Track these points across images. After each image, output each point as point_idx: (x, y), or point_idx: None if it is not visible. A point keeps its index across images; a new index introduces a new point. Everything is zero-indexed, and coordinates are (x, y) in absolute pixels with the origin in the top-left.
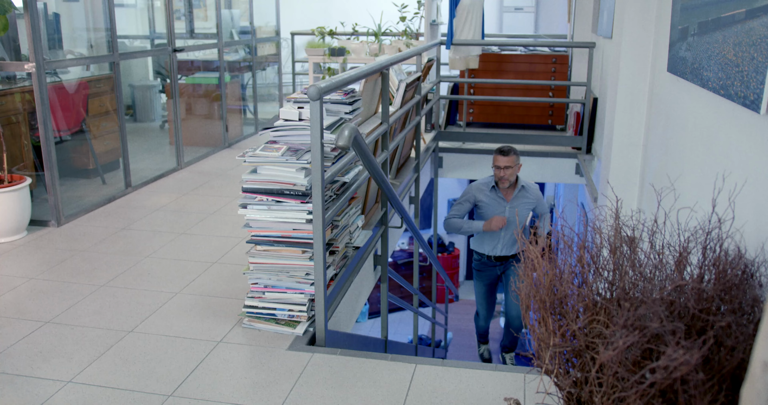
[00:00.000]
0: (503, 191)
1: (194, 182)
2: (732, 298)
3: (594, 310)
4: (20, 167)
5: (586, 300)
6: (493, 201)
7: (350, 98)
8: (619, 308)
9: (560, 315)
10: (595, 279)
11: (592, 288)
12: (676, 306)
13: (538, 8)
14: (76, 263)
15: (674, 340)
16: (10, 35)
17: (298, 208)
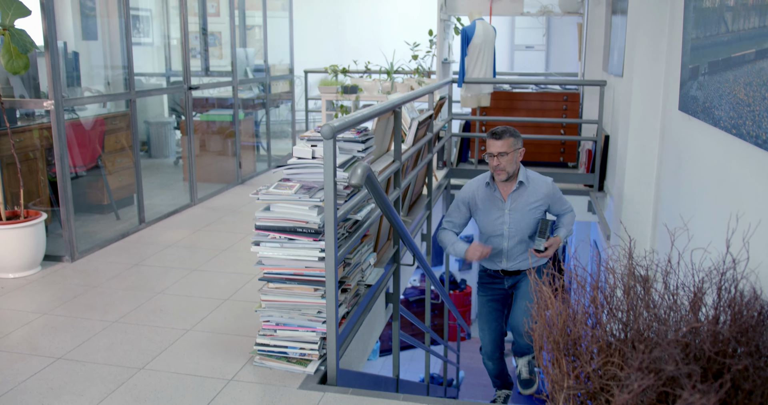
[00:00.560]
0: (501, 188)
1: (207, 218)
2: (749, 340)
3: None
4: (36, 202)
5: (600, 341)
6: (489, 202)
7: (363, 136)
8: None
9: (574, 356)
10: (609, 320)
11: (606, 329)
12: (692, 348)
13: (549, 46)
14: (89, 299)
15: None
16: (30, 73)
17: (310, 246)
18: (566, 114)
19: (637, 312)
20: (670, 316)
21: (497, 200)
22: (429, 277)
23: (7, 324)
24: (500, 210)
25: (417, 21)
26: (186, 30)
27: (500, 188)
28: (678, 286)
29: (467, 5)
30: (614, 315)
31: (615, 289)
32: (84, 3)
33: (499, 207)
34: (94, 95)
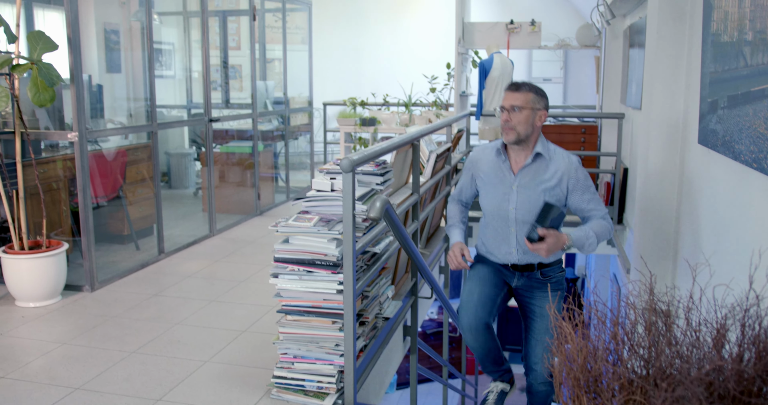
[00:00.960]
0: (512, 158)
1: (226, 249)
2: None
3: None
4: (58, 232)
5: (621, 378)
6: (494, 174)
7: (382, 169)
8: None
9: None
10: (631, 356)
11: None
12: (716, 386)
13: (567, 79)
14: (108, 329)
15: None
16: (55, 106)
17: (328, 279)
18: (584, 146)
19: (659, 349)
20: (692, 353)
21: (505, 173)
22: (447, 309)
23: (27, 353)
24: (507, 186)
25: (435, 54)
26: (207, 63)
27: (511, 158)
28: (700, 322)
29: (485, 39)
30: (636, 351)
31: (636, 324)
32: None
33: (505, 182)
34: (116, 127)
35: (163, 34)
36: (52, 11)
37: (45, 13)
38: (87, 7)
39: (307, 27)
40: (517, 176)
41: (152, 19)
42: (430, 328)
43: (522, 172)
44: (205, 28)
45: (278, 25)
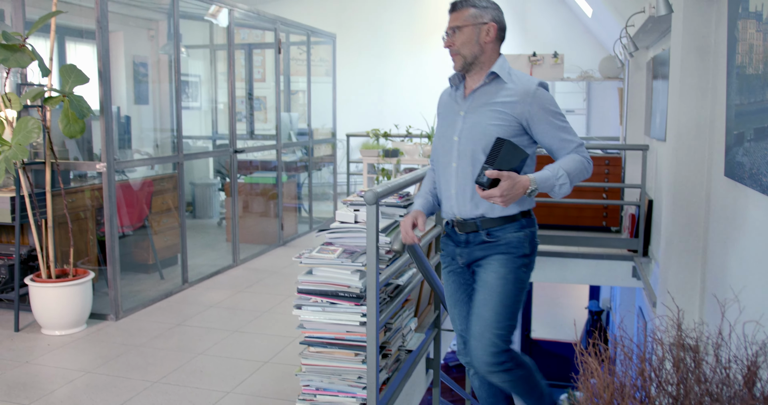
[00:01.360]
0: (468, 83)
1: (249, 279)
2: None
3: None
4: (85, 261)
5: None
6: (449, 105)
7: (405, 201)
8: None
9: None
10: (659, 394)
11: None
12: None
13: (590, 110)
14: (132, 358)
15: None
16: (84, 137)
17: (352, 311)
18: (608, 178)
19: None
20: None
21: (457, 100)
22: None
23: (52, 381)
24: (455, 114)
25: None
26: (233, 95)
27: (467, 86)
28: (730, 359)
29: None
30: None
31: (664, 361)
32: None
33: (455, 110)
34: (143, 158)
35: (190, 67)
36: (84, 45)
37: (77, 47)
38: (117, 40)
39: (331, 59)
40: (466, 100)
41: (180, 52)
42: (452, 361)
43: (473, 95)
44: (231, 60)
45: (303, 58)
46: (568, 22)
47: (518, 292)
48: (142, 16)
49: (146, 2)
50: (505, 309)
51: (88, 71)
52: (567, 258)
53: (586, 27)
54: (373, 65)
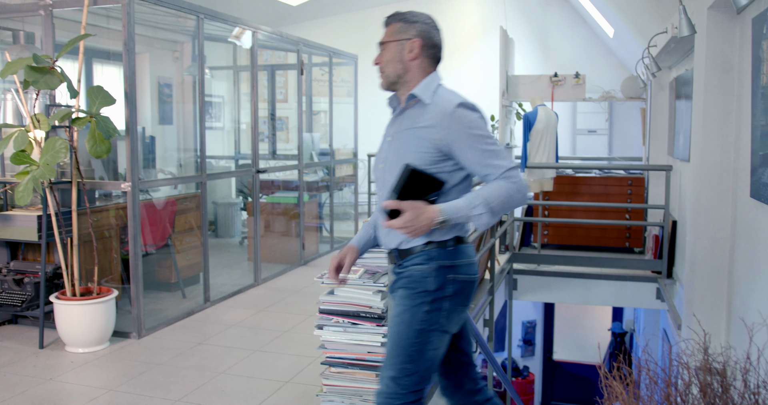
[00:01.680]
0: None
1: (270, 299)
2: None
3: None
4: (108, 279)
5: None
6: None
7: None
8: None
9: None
10: None
11: None
12: None
13: (612, 131)
14: (154, 376)
15: None
16: (110, 156)
17: (373, 331)
18: (631, 198)
19: None
20: None
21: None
22: (491, 363)
23: (75, 399)
24: (384, 139)
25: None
26: (256, 115)
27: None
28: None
29: (529, 91)
30: None
31: (690, 385)
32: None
33: (385, 135)
34: (167, 178)
35: (214, 88)
36: (111, 66)
37: (104, 68)
38: (143, 61)
39: (353, 80)
40: (393, 124)
41: (204, 73)
42: None
43: (398, 118)
44: (254, 81)
45: (325, 79)
46: (589, 42)
47: (414, 335)
48: (167, 38)
49: (171, 25)
50: (398, 351)
51: (114, 92)
52: (589, 279)
53: (607, 47)
54: None
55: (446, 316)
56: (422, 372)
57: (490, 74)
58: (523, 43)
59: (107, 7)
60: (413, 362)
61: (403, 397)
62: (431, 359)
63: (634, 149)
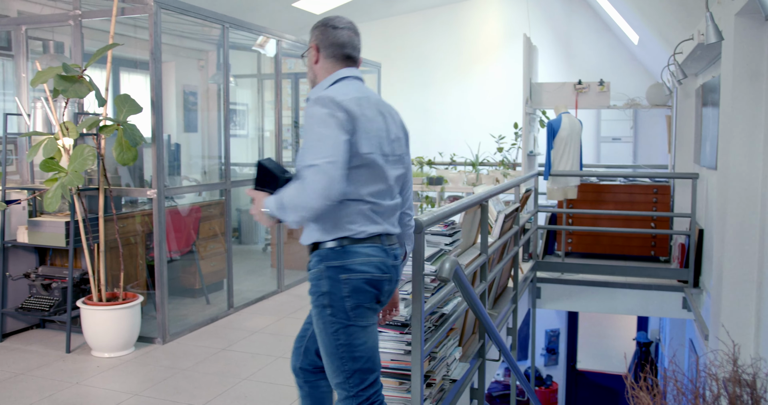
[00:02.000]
0: None
1: (293, 305)
2: None
3: None
4: (134, 285)
5: None
6: None
7: (450, 230)
8: None
9: None
10: None
11: None
12: None
13: (637, 138)
14: (178, 382)
15: None
16: (136, 164)
17: (396, 339)
18: (656, 207)
19: None
20: None
21: None
22: (515, 372)
23: (101, 403)
24: None
25: (502, 114)
26: (279, 123)
27: None
28: None
29: (552, 99)
30: None
31: (719, 397)
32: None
33: None
34: (192, 185)
35: (238, 95)
36: (137, 75)
37: (130, 77)
38: (168, 70)
39: (376, 88)
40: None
41: (229, 81)
42: (496, 391)
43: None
44: (278, 89)
45: None
46: (614, 49)
47: (333, 339)
48: (192, 47)
49: (197, 34)
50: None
51: (140, 101)
52: (614, 288)
53: (632, 54)
54: (417, 93)
55: (354, 314)
56: (362, 368)
57: (513, 82)
58: (547, 50)
59: (134, 16)
60: (347, 363)
61: (355, 398)
62: (363, 353)
63: (660, 157)
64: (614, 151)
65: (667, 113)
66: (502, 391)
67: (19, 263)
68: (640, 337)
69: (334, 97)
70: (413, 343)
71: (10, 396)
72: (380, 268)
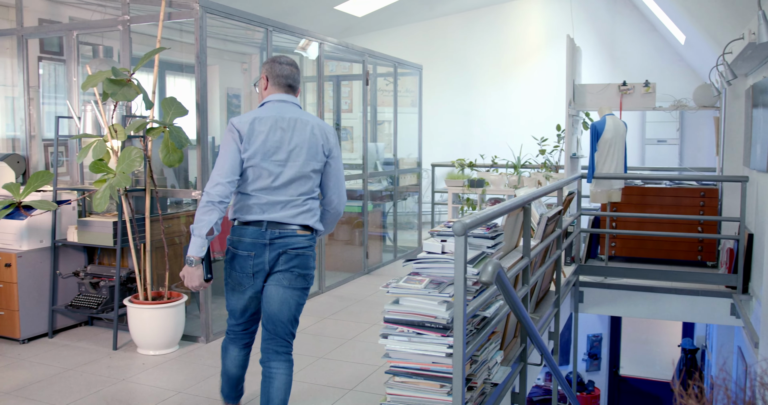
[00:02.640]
0: None
1: (334, 307)
2: None
3: None
4: (178, 284)
5: None
6: None
7: (493, 233)
8: None
9: None
10: None
11: None
12: None
13: (683, 140)
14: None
15: None
16: (181, 165)
17: (438, 342)
18: (704, 210)
19: None
20: None
21: None
22: (556, 377)
23: (146, 400)
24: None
25: (544, 116)
26: None
27: None
28: None
29: (596, 101)
30: None
31: None
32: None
33: None
34: None
35: None
36: (182, 78)
37: (176, 80)
38: (213, 73)
39: (417, 90)
40: None
41: None
42: (536, 395)
43: None
44: (320, 92)
45: (389, 89)
46: (659, 49)
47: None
48: (236, 50)
49: (240, 37)
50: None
51: (186, 103)
52: (659, 293)
53: (678, 55)
54: (458, 95)
55: (228, 275)
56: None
57: (556, 83)
58: (591, 51)
59: (180, 21)
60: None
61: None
62: (231, 306)
63: (707, 159)
64: (659, 154)
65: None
66: (543, 395)
67: (69, 262)
68: (685, 343)
69: (238, 119)
70: (455, 346)
71: (60, 390)
72: (243, 245)
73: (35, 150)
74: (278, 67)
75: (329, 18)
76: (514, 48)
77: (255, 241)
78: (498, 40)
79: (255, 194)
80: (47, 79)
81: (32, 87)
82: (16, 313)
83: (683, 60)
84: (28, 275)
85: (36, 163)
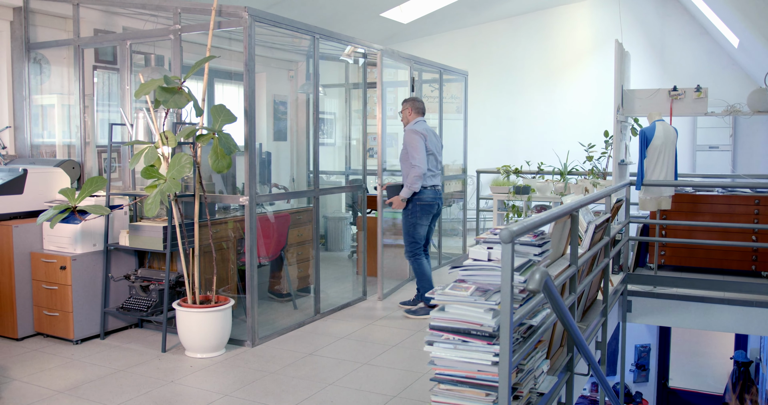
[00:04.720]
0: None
1: (378, 313)
2: None
3: None
4: (225, 289)
5: None
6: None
7: (540, 240)
8: None
9: None
10: None
11: None
12: None
13: (736, 146)
14: (266, 384)
15: None
16: (229, 171)
17: (484, 350)
18: (758, 219)
19: None
20: None
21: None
22: (604, 387)
23: (194, 401)
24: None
25: (591, 122)
26: (365, 132)
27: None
28: None
29: (645, 106)
30: None
31: None
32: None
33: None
34: (283, 192)
35: (327, 105)
36: (231, 85)
37: (224, 87)
38: (260, 80)
39: (462, 96)
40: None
41: (318, 91)
42: None
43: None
44: (365, 98)
45: (435, 95)
46: (711, 53)
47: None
48: (282, 58)
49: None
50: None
51: (234, 110)
52: (710, 303)
53: (731, 58)
54: (503, 102)
55: (418, 218)
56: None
57: (603, 89)
58: (640, 55)
59: (229, 30)
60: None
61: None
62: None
63: (761, 166)
64: (711, 160)
65: None
66: None
67: (120, 265)
68: (738, 356)
69: (416, 129)
70: (501, 354)
71: (111, 391)
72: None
73: (89, 156)
74: (418, 103)
75: (375, 25)
76: (561, 53)
77: (434, 196)
78: (545, 46)
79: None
80: (101, 87)
81: (87, 95)
82: (70, 314)
83: (736, 64)
84: (82, 278)
85: (90, 169)
